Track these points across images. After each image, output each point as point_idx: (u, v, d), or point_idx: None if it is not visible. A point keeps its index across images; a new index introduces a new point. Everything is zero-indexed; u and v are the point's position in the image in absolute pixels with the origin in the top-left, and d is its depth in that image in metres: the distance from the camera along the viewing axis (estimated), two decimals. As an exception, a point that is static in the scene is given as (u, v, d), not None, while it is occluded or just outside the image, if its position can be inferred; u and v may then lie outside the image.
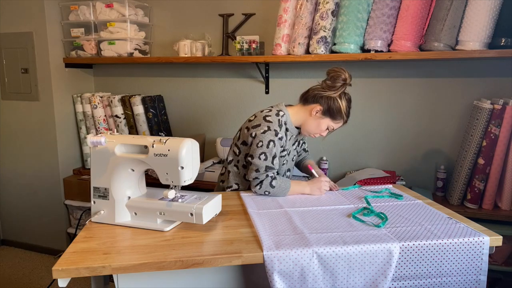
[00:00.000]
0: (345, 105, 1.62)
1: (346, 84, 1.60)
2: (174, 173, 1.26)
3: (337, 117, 1.63)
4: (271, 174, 1.59)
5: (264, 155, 1.58)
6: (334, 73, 1.59)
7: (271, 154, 1.59)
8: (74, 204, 2.79)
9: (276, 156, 1.61)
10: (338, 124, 1.68)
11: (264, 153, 1.58)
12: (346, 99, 1.63)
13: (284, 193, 1.61)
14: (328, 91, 1.60)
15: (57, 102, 2.74)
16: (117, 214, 1.33)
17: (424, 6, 1.98)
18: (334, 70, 1.60)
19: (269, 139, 1.59)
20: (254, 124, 1.64)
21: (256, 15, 2.54)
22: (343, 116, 1.64)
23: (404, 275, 1.18)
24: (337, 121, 1.65)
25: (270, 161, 1.59)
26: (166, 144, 1.26)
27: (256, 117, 1.67)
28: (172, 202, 1.30)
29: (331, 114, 1.63)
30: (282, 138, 1.64)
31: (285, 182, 1.61)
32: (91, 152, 1.35)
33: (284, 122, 1.66)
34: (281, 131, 1.63)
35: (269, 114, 1.64)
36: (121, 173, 1.32)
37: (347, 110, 1.64)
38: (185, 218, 1.27)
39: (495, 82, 2.17)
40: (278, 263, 1.11)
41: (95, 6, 2.62)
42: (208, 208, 1.27)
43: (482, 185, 2.02)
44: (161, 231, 1.27)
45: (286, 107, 1.71)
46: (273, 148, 1.59)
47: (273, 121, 1.62)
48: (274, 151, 1.60)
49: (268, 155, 1.59)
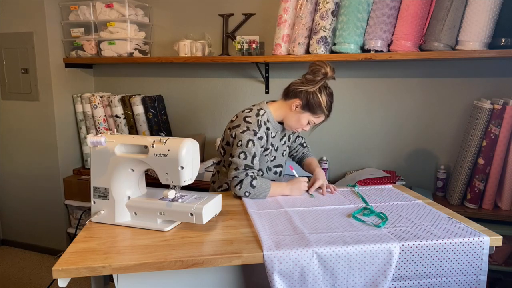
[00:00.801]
0: (325, 99, 1.59)
1: (326, 78, 1.56)
2: (174, 173, 1.26)
3: (317, 112, 1.61)
4: (251, 173, 1.57)
5: (244, 154, 1.57)
6: (315, 67, 1.57)
7: (250, 153, 1.58)
8: (74, 204, 2.79)
9: (256, 156, 1.60)
10: (319, 119, 1.64)
11: (244, 152, 1.57)
12: (327, 93, 1.60)
13: (264, 194, 1.58)
14: (306, 85, 1.58)
15: (57, 102, 2.74)
16: (117, 214, 1.32)
17: (424, 6, 1.98)
18: (315, 63, 1.58)
19: (248, 138, 1.58)
20: (234, 125, 1.64)
21: (256, 15, 2.54)
22: (323, 111, 1.61)
23: (404, 275, 1.18)
24: (317, 115, 1.62)
25: (249, 160, 1.57)
26: (166, 144, 1.26)
27: (237, 117, 1.67)
28: (172, 202, 1.29)
29: (310, 109, 1.60)
30: (262, 138, 1.63)
31: (265, 183, 1.59)
32: (91, 152, 1.35)
33: (264, 121, 1.65)
34: (260, 131, 1.62)
35: (249, 114, 1.64)
36: (121, 173, 1.32)
37: (327, 104, 1.60)
38: (185, 218, 1.27)
39: (495, 82, 2.17)
40: (278, 263, 1.11)
41: (95, 6, 2.62)
42: (208, 208, 1.27)
43: (482, 185, 2.02)
44: (161, 231, 1.27)
45: (268, 104, 1.71)
46: (252, 148, 1.58)
47: (252, 122, 1.61)
48: (254, 151, 1.59)
49: (247, 154, 1.57)
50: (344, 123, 2.50)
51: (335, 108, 1.65)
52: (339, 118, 2.49)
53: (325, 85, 1.61)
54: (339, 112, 2.49)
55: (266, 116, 1.67)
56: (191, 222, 1.27)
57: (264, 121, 1.65)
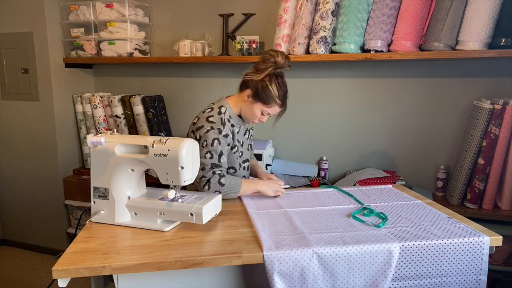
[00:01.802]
0: (276, 88, 1.54)
1: (277, 66, 1.53)
2: (174, 173, 1.26)
3: (268, 101, 1.56)
4: (218, 171, 1.52)
5: (210, 154, 1.53)
6: (265, 55, 1.54)
7: (216, 152, 1.54)
8: (74, 204, 2.79)
9: (223, 155, 1.57)
10: (272, 109, 1.60)
11: (210, 152, 1.53)
12: (278, 82, 1.55)
13: (235, 192, 1.54)
14: (254, 74, 1.55)
15: (57, 102, 2.74)
16: (117, 214, 1.32)
17: (424, 6, 1.98)
18: (267, 52, 1.55)
19: (213, 137, 1.55)
20: (197, 126, 1.59)
21: (256, 15, 2.54)
22: (274, 100, 1.56)
23: (404, 275, 1.18)
24: (269, 105, 1.58)
25: (216, 159, 1.54)
26: (166, 144, 1.26)
27: (199, 118, 1.62)
28: (172, 202, 1.29)
29: (260, 98, 1.56)
30: (228, 135, 1.60)
31: (235, 180, 1.56)
32: (91, 152, 1.35)
33: (227, 119, 1.62)
34: (225, 129, 1.59)
35: (211, 114, 1.60)
36: (121, 173, 1.32)
37: (279, 94, 1.55)
38: (185, 218, 1.27)
39: (495, 82, 2.17)
40: (278, 264, 1.11)
41: (95, 6, 2.62)
42: (208, 208, 1.27)
43: (482, 185, 2.02)
44: (161, 231, 1.27)
45: (227, 99, 1.68)
46: (218, 146, 1.55)
47: (216, 121, 1.58)
48: (220, 149, 1.56)
49: (213, 153, 1.53)
50: (344, 123, 2.50)
51: (335, 108, 1.64)
52: (339, 118, 2.49)
53: (278, 73, 1.57)
54: (339, 112, 2.49)
55: (228, 112, 1.63)
56: (191, 222, 1.27)
57: (228, 118, 1.62)
